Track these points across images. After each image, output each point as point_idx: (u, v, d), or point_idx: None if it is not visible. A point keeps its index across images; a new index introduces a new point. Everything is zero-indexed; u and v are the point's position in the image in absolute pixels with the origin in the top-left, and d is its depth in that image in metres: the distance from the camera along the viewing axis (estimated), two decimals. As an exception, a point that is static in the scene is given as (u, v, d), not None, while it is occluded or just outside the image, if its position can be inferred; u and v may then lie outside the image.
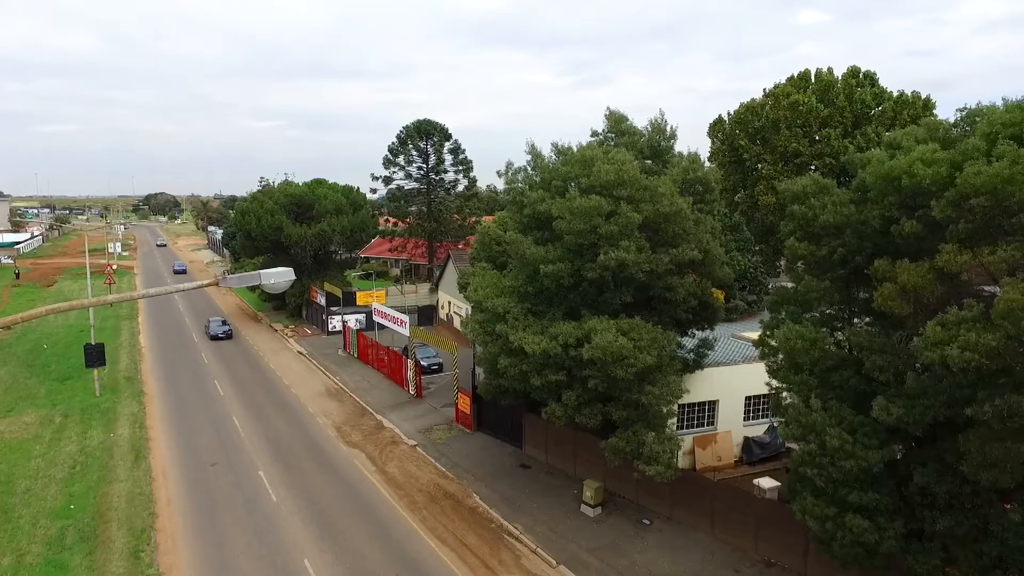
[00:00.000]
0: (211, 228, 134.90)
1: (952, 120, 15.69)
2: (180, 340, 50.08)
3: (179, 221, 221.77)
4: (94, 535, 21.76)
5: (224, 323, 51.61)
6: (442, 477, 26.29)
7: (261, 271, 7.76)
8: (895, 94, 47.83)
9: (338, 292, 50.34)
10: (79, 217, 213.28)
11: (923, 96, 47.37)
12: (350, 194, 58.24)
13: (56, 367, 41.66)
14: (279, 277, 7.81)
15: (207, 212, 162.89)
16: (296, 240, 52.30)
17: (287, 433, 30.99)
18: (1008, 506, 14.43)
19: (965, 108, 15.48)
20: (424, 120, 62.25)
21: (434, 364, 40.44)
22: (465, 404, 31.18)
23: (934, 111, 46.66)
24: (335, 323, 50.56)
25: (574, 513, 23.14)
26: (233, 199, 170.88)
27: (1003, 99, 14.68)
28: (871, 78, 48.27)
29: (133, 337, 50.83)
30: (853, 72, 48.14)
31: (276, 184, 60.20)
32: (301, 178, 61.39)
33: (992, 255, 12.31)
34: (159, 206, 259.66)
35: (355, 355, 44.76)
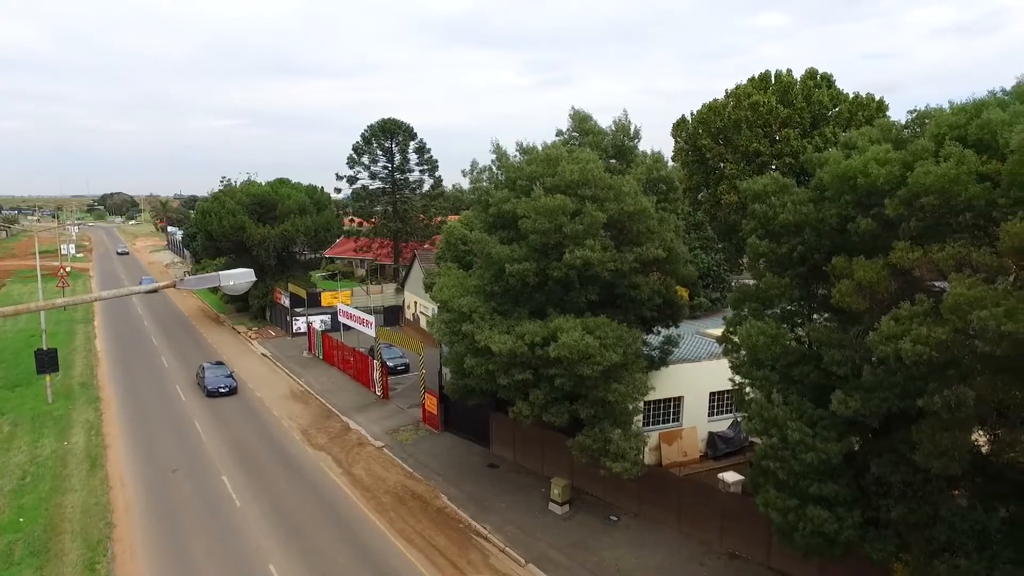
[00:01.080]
0: (171, 229, 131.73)
1: (903, 122, 16.17)
2: (139, 344, 48.80)
3: (134, 222, 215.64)
4: (45, 549, 21.00)
5: (229, 375, 37.82)
6: (409, 478, 26.13)
7: (220, 272, 7.59)
8: (851, 96, 49.08)
9: (302, 293, 49.64)
10: (28, 217, 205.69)
11: (877, 98, 48.74)
12: (314, 194, 57.48)
13: (5, 374, 40.20)
14: (239, 278, 7.65)
15: (166, 212, 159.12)
16: (259, 240, 51.41)
17: (251, 437, 30.45)
18: (956, 492, 14.97)
19: (915, 110, 15.97)
20: (389, 119, 61.80)
21: (400, 365, 40.19)
22: (432, 404, 31.04)
23: (887, 112, 48.04)
24: (300, 324, 49.86)
25: (542, 511, 23.23)
26: (194, 199, 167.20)
27: (949, 102, 15.19)
28: (828, 80, 49.45)
29: (89, 341, 49.37)
30: (811, 74, 49.27)
31: (238, 184, 59.08)
32: (264, 178, 60.30)
33: (941, 252, 12.72)
34: (116, 206, 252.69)
35: (320, 357, 44.21)
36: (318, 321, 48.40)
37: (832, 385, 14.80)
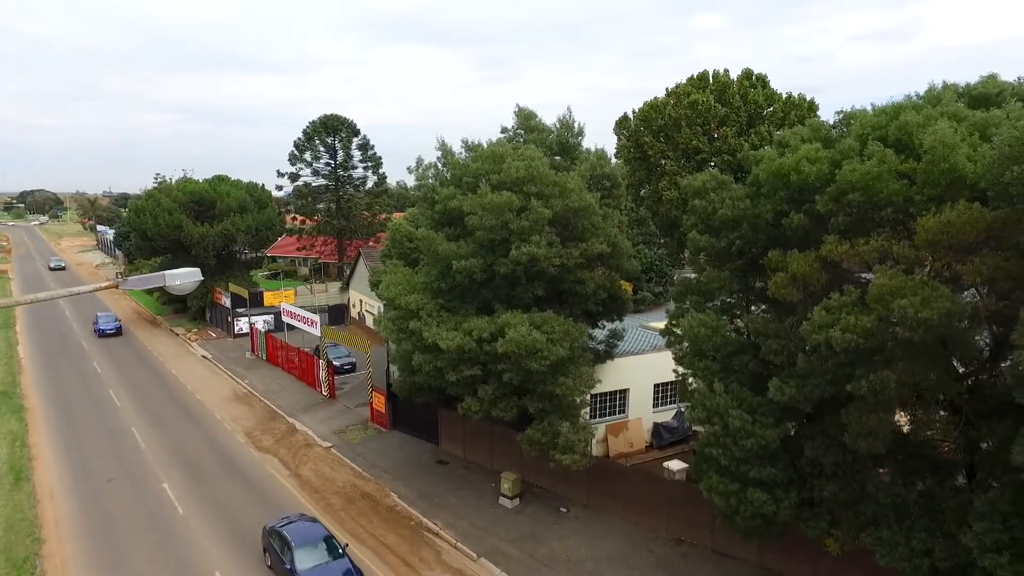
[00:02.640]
0: (101, 228, 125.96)
1: (832, 122, 17.00)
2: (68, 349, 46.58)
3: (57, 220, 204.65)
4: (-36, 570, 19.89)
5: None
6: (359, 478, 25.91)
7: (165, 272, 7.41)
8: (784, 96, 50.91)
9: (244, 293, 48.36)
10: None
11: (808, 98, 50.73)
12: (255, 191, 56.03)
13: (-79, 383, 37.81)
14: (185, 278, 7.49)
15: (95, 211, 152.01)
16: (198, 240, 49.82)
17: (193, 442, 29.56)
18: (881, 471, 15.93)
19: (842, 111, 16.83)
20: (331, 115, 60.75)
21: (347, 364, 39.70)
22: (380, 403, 30.82)
23: (817, 112, 50.05)
24: (242, 325, 48.59)
25: (493, 506, 23.42)
26: (125, 197, 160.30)
27: (872, 104, 16.06)
28: (763, 80, 51.15)
29: (10, 348, 46.79)
30: (747, 74, 50.88)
31: (174, 181, 57.05)
32: (202, 175, 58.53)
33: (866, 245, 13.48)
34: (37, 204, 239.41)
35: (264, 357, 43.21)
36: (261, 321, 47.26)
37: (769, 373, 15.48)
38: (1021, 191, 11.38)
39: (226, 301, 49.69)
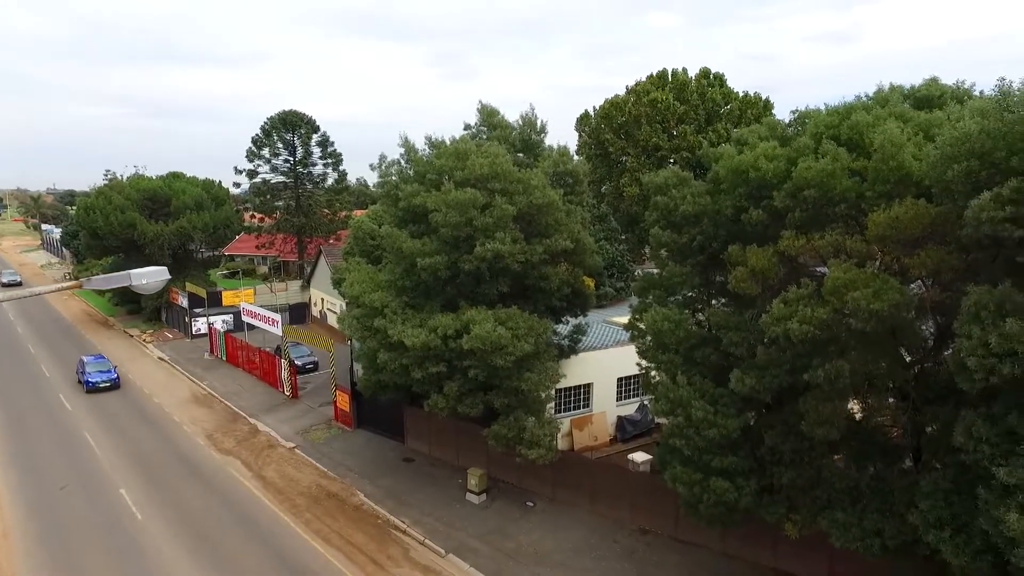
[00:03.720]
0: (46, 227, 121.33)
1: (788, 120, 17.53)
2: (13, 354, 44.84)
3: None
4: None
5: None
6: (324, 477, 25.68)
7: (131, 271, 7.25)
8: (741, 94, 52.06)
9: (202, 293, 47.27)
10: None
11: (764, 97, 51.96)
12: (211, 188, 54.77)
13: None
14: (151, 277, 7.34)
15: (39, 208, 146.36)
16: (152, 238, 48.47)
17: (151, 445, 28.85)
18: (837, 457, 16.56)
19: (797, 110, 17.38)
20: (290, 111, 59.72)
21: (309, 363, 39.21)
22: (344, 402, 30.57)
23: (773, 111, 51.31)
24: (200, 325, 47.50)
25: (460, 502, 23.50)
26: (71, 194, 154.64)
27: (824, 104, 16.63)
28: (720, 79, 52.19)
29: (-46, 351, 44.92)
30: (704, 73, 51.83)
31: (125, 178, 55.36)
32: (156, 171, 56.88)
33: (821, 240, 14.00)
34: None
35: (224, 358, 42.36)
36: (220, 321, 46.29)
37: (730, 365, 15.92)
38: (961, 188, 11.99)
39: (183, 301, 48.51)
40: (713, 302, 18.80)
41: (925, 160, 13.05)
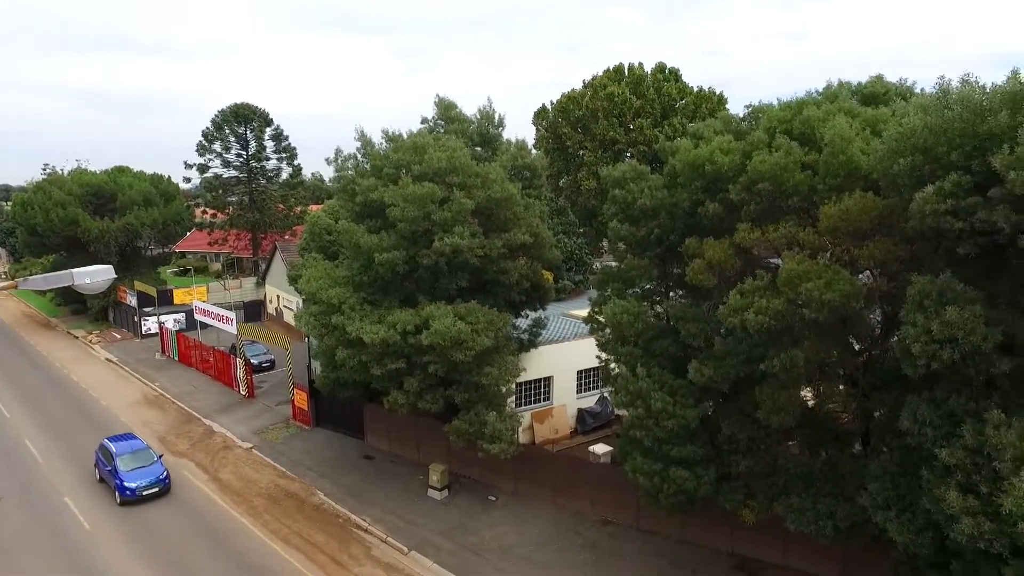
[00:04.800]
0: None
1: (742, 115, 17.84)
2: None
3: None
4: None
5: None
6: (282, 477, 25.21)
7: (74, 270, 6.90)
8: (696, 89, 52.86)
9: (152, 291, 45.80)
10: None
11: (718, 92, 52.86)
12: (160, 183, 53.06)
13: None
14: (96, 276, 7.00)
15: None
16: (97, 235, 46.70)
17: (98, 450, 27.79)
18: (791, 443, 17.01)
19: (751, 105, 17.70)
20: (242, 104, 58.22)
21: (265, 362, 38.40)
22: (302, 400, 30.04)
23: (727, 106, 52.25)
24: (150, 325, 46.08)
25: (422, 498, 23.36)
26: (7, 189, 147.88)
27: (777, 99, 16.98)
28: (676, 74, 52.87)
29: None
30: (660, 68, 52.43)
31: (67, 172, 53.17)
32: (101, 165, 54.87)
33: (775, 232, 14.31)
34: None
35: (176, 358, 41.16)
36: (171, 320, 44.99)
37: (689, 356, 16.18)
38: (906, 182, 12.40)
39: (132, 300, 46.93)
40: (671, 294, 19.05)
41: (873, 154, 13.44)
